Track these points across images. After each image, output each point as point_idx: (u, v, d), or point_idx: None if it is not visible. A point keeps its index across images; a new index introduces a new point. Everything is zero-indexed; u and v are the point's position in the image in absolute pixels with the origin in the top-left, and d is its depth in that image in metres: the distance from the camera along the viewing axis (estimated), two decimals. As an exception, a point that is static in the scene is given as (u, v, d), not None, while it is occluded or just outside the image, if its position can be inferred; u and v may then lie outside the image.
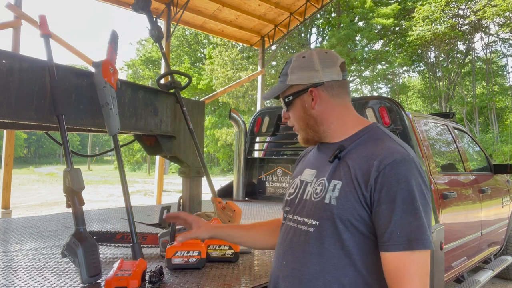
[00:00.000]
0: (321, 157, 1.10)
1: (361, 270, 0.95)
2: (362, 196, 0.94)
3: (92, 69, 1.78)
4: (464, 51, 22.78)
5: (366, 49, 23.67)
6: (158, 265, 1.40)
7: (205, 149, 23.09)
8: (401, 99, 26.03)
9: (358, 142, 1.04)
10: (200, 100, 3.21)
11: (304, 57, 1.09)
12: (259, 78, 9.84)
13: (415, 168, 0.93)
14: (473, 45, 21.64)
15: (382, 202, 0.91)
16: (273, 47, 11.64)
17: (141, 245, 1.65)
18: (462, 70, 22.52)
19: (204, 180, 2.72)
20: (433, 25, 19.09)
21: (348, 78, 1.15)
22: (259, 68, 9.73)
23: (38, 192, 14.75)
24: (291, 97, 1.09)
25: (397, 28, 23.14)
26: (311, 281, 0.98)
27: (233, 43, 21.28)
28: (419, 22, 19.43)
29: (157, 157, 7.65)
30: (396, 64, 22.43)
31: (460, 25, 20.07)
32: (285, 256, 1.06)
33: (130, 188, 11.72)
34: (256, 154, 4.43)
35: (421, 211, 0.90)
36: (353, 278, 0.95)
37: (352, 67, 24.30)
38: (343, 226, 0.95)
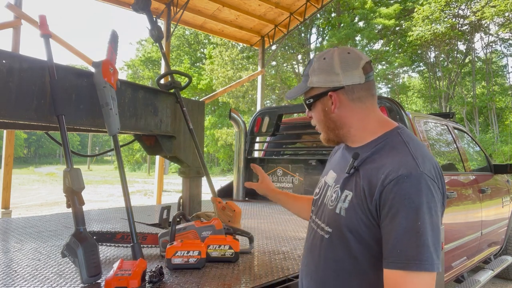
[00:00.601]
0: (343, 161, 1.10)
1: (371, 278, 0.95)
2: (368, 210, 0.93)
3: (92, 69, 1.78)
4: (464, 51, 22.78)
5: (366, 49, 23.67)
6: (158, 265, 1.40)
7: (205, 149, 23.09)
8: (401, 99, 26.03)
9: (375, 150, 1.00)
10: (200, 100, 3.21)
11: (325, 59, 1.06)
12: (259, 78, 9.84)
13: (423, 185, 0.88)
14: (473, 45, 21.65)
15: (385, 218, 0.89)
16: (273, 47, 11.64)
17: (141, 245, 1.65)
18: (462, 70, 22.52)
19: (204, 180, 2.72)
20: (433, 25, 19.08)
21: (373, 69, 1.10)
22: (259, 68, 9.73)
23: (38, 192, 14.74)
24: (311, 100, 1.08)
25: (397, 28, 23.14)
26: (325, 284, 1.03)
27: (234, 43, 21.29)
28: (418, 22, 19.42)
29: (157, 157, 7.65)
30: (396, 64, 22.43)
31: (460, 25, 20.07)
32: (307, 257, 1.13)
33: (130, 188, 11.71)
34: (256, 154, 4.43)
35: (425, 230, 0.85)
36: (364, 285, 0.96)
37: (352, 67, 24.25)
38: (352, 236, 0.96)
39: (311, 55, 26.28)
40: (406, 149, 0.96)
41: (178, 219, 1.99)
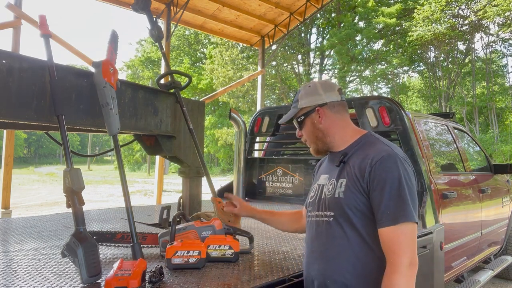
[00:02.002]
0: (331, 164, 1.40)
1: (371, 245, 1.23)
2: (361, 187, 1.23)
3: (92, 69, 1.78)
4: (464, 51, 22.77)
5: (366, 48, 23.67)
6: (158, 265, 1.40)
7: (205, 149, 23.09)
8: (401, 99, 26.01)
9: (357, 148, 1.33)
10: (200, 100, 3.21)
11: (309, 86, 1.41)
12: (259, 78, 9.84)
13: (399, 161, 1.22)
14: (473, 45, 21.63)
15: (374, 190, 1.21)
16: (273, 47, 11.64)
17: (141, 245, 1.65)
18: (462, 70, 22.51)
19: (204, 180, 2.72)
20: (433, 25, 19.07)
21: (344, 94, 1.47)
22: (259, 68, 9.74)
23: (38, 192, 14.75)
24: (302, 117, 1.41)
25: (397, 28, 23.13)
26: (335, 259, 1.27)
27: (234, 42, 21.28)
28: (419, 23, 19.41)
29: (157, 157, 7.65)
30: (394, 64, 22.41)
31: (460, 25, 20.06)
32: (313, 244, 1.36)
33: (130, 188, 11.71)
34: (256, 154, 4.43)
35: (405, 193, 1.18)
36: (366, 251, 1.24)
37: (352, 67, 24.30)
38: (351, 212, 1.24)
39: (311, 55, 26.31)
40: (381, 142, 1.32)
41: (178, 219, 1.98)
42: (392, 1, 23.04)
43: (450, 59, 22.32)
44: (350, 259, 1.24)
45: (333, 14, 24.34)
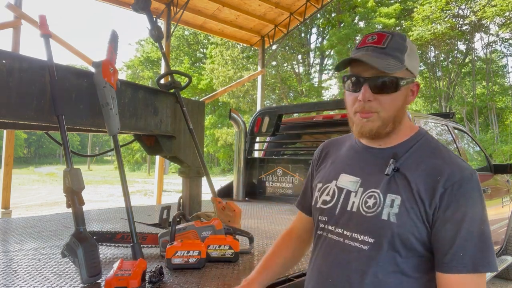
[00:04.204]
0: (366, 163, 1.00)
1: None
2: (425, 213, 0.88)
3: (92, 69, 1.78)
4: (464, 51, 22.77)
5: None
6: (158, 265, 1.40)
7: (205, 149, 23.09)
8: (401, 99, 25.97)
9: (412, 150, 0.95)
10: (200, 100, 3.21)
11: (411, 45, 0.97)
12: (259, 78, 9.84)
13: (479, 185, 0.88)
14: (473, 45, 21.64)
15: (447, 221, 0.86)
16: (273, 47, 11.64)
17: (141, 245, 1.65)
18: (462, 70, 22.51)
19: (204, 180, 2.72)
20: (433, 25, 19.07)
21: None
22: (259, 68, 9.73)
23: (38, 192, 14.74)
24: (404, 81, 0.93)
25: (397, 28, 23.13)
26: None
27: (234, 42, 21.28)
28: (418, 22, 19.42)
29: (157, 157, 7.65)
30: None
31: (460, 25, 20.06)
32: (331, 274, 0.97)
33: (130, 188, 11.71)
34: (256, 154, 4.43)
35: (488, 233, 0.86)
36: None
37: (352, 67, 24.25)
38: (402, 245, 0.89)
39: (311, 55, 26.30)
40: (447, 150, 0.95)
41: (178, 219, 1.99)
42: (392, 1, 23.04)
43: (450, 59, 22.32)
44: None
45: (333, 14, 24.34)
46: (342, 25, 23.55)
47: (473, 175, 0.88)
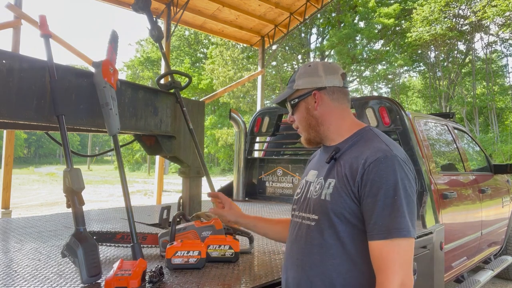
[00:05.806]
0: (322, 159, 1.22)
1: (355, 259, 1.06)
2: (351, 191, 1.05)
3: (92, 69, 1.78)
4: (464, 51, 22.77)
5: (366, 48, 23.66)
6: (158, 265, 1.40)
7: (205, 149, 23.09)
8: (401, 99, 26.02)
9: (352, 144, 1.15)
10: (200, 100, 3.21)
11: (310, 66, 1.23)
12: (259, 78, 9.84)
13: (397, 164, 1.03)
14: (473, 45, 21.64)
15: (367, 196, 1.02)
16: (273, 47, 11.64)
17: (141, 245, 1.65)
18: (462, 70, 22.52)
19: (204, 180, 2.72)
20: (432, 25, 19.07)
21: (348, 81, 1.28)
22: (259, 68, 9.74)
23: (38, 192, 14.74)
24: (296, 100, 1.22)
25: (397, 28, 23.13)
26: (313, 269, 1.11)
27: (234, 42, 21.28)
28: (417, 23, 19.42)
29: (157, 157, 7.65)
30: (396, 65, 22.41)
31: (460, 25, 20.06)
32: (292, 248, 1.20)
33: (130, 188, 11.72)
34: (256, 154, 4.43)
35: (401, 203, 1.00)
36: (349, 267, 1.06)
37: (352, 67, 24.29)
38: (338, 219, 1.07)
39: (311, 55, 26.29)
40: (379, 139, 1.12)
41: (178, 219, 1.98)
42: (392, 1, 23.04)
43: (450, 59, 22.32)
44: (329, 273, 1.07)
45: (333, 14, 24.34)
46: (342, 25, 23.55)
47: (387, 156, 1.04)
